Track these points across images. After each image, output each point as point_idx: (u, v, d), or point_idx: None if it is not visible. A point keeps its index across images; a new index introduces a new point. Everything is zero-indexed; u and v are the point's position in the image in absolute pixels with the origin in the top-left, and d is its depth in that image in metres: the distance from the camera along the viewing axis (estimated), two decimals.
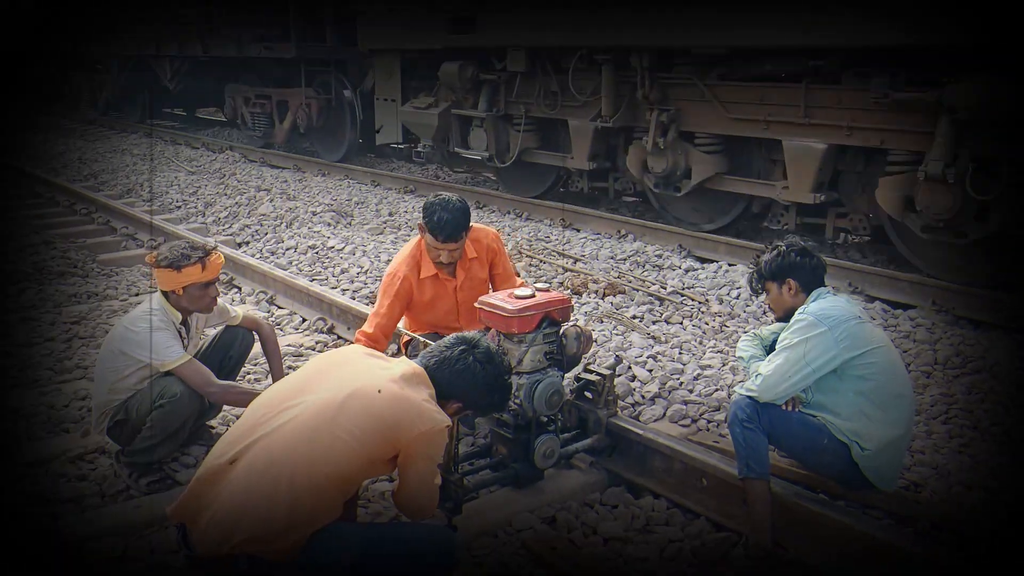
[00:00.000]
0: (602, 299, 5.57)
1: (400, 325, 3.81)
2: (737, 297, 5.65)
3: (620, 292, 5.68)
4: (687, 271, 6.30)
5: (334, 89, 11.53)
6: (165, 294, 3.34)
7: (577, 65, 7.60)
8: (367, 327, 3.67)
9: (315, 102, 11.59)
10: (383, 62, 9.78)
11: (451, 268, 3.72)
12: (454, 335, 2.67)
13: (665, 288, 5.81)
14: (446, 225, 3.49)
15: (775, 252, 3.13)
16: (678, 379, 4.20)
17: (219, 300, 3.52)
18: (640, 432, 3.33)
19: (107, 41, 15.60)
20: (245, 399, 2.99)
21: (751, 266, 3.26)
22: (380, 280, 5.83)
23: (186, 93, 15.57)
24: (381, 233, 7.61)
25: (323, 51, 11.26)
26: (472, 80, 8.54)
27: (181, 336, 3.37)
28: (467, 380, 2.54)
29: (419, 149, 10.00)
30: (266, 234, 7.53)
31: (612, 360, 3.81)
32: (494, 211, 8.62)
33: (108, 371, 3.30)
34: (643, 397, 4.04)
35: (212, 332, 3.80)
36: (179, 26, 13.34)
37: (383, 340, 3.67)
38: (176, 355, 3.24)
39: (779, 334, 3.10)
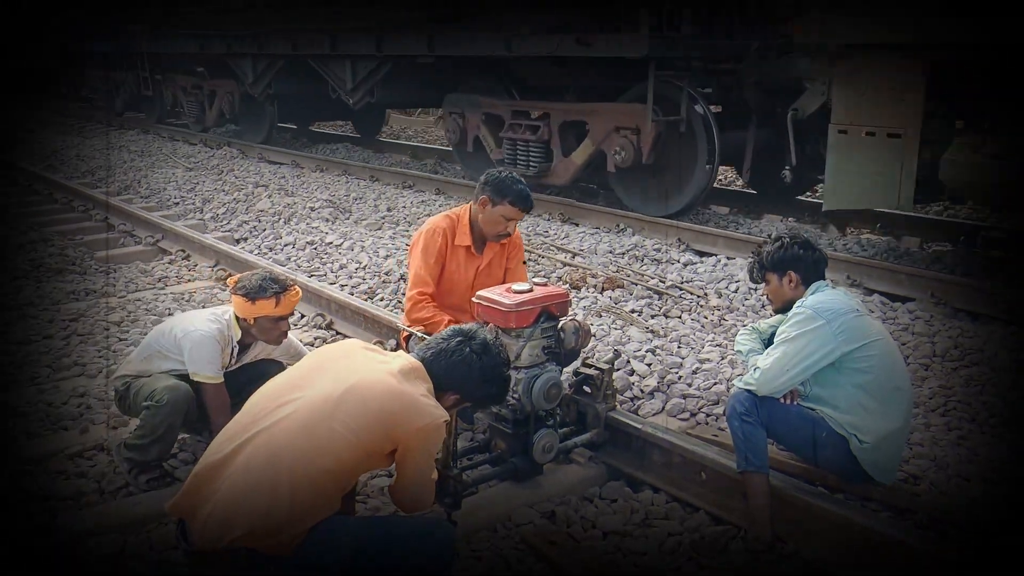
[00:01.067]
0: (601, 293, 5.57)
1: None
2: (736, 291, 5.64)
3: (619, 286, 5.68)
4: (686, 265, 6.30)
5: (684, 107, 7.34)
6: (236, 315, 3.41)
7: None
8: (425, 286, 3.61)
9: (655, 126, 7.38)
10: (861, 67, 5.82)
11: (482, 245, 3.73)
12: (451, 327, 2.67)
13: (664, 282, 5.81)
14: (528, 195, 3.59)
15: (777, 244, 3.13)
16: (677, 373, 4.19)
17: (291, 336, 3.61)
18: (639, 426, 3.33)
19: (243, 36, 11.39)
20: None
21: (752, 257, 3.26)
22: (378, 276, 5.92)
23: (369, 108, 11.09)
24: (379, 228, 7.60)
25: (682, 46, 7.15)
26: None
27: (233, 354, 3.46)
28: (463, 371, 2.54)
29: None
30: (264, 230, 7.52)
31: (611, 354, 3.81)
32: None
33: (157, 344, 3.39)
34: (642, 391, 4.04)
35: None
36: (385, 15, 9.23)
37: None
38: (210, 372, 3.31)
39: (777, 327, 3.10)
